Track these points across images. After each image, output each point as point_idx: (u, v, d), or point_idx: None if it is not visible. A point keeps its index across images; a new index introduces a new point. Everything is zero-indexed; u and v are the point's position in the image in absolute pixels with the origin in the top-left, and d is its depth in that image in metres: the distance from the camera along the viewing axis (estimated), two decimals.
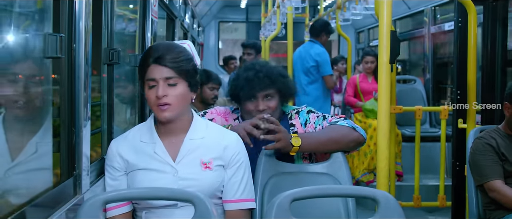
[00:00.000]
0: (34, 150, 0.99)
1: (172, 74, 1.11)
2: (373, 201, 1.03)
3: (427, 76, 3.85)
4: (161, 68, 1.11)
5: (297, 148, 1.31)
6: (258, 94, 1.40)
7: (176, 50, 1.14)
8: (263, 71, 1.41)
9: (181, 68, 1.12)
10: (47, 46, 0.95)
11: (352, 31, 5.96)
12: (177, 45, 1.16)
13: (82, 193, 1.08)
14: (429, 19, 3.75)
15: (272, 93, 1.41)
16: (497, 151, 1.61)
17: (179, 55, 1.13)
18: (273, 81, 1.40)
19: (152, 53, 1.13)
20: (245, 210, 1.19)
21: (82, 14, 1.07)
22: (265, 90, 1.40)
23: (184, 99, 1.14)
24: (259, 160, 1.37)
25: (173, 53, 1.12)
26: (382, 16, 1.26)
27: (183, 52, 1.15)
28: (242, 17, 6.46)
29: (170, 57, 1.11)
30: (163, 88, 1.11)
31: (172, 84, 1.12)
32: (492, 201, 1.60)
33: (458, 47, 2.21)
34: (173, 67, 1.11)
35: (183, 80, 1.13)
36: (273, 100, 1.42)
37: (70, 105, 1.07)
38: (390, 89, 1.28)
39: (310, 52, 3.30)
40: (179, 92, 1.12)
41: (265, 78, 1.40)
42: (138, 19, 1.65)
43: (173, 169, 1.14)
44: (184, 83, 1.13)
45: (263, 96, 1.41)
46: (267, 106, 1.40)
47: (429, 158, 3.33)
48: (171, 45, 1.16)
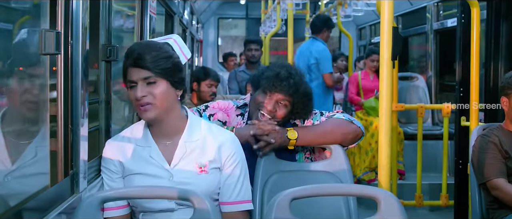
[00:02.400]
0: (30, 148, 0.98)
1: (150, 74, 1.10)
2: (375, 200, 1.01)
3: (429, 73, 3.82)
4: (138, 70, 1.10)
5: (294, 141, 1.29)
6: (275, 95, 1.35)
7: (153, 48, 1.11)
8: (295, 79, 1.35)
9: (159, 67, 1.10)
10: (44, 43, 0.94)
11: (354, 27, 5.93)
12: (154, 44, 1.14)
13: (80, 192, 1.07)
14: (431, 16, 3.72)
15: (287, 103, 1.35)
16: (500, 149, 1.59)
17: (156, 54, 1.10)
18: (296, 94, 1.35)
19: (129, 55, 1.12)
20: (242, 211, 1.18)
21: (79, 10, 1.05)
22: (283, 96, 1.34)
23: (166, 97, 1.12)
24: (259, 158, 1.36)
25: (150, 53, 1.10)
26: (384, 12, 1.24)
27: (161, 50, 1.12)
28: (241, 14, 6.42)
29: (148, 57, 1.10)
30: (141, 88, 1.10)
31: (151, 82, 1.10)
32: (495, 200, 1.59)
33: (461, 44, 2.19)
34: (150, 67, 1.10)
35: (163, 78, 1.11)
36: (284, 109, 1.36)
37: (67, 103, 1.05)
38: (391, 86, 1.26)
39: (311, 50, 3.28)
40: (159, 91, 1.10)
41: (293, 86, 1.34)
42: (136, 15, 1.64)
43: (168, 173, 1.14)
44: (164, 82, 1.11)
45: (277, 100, 1.36)
46: (275, 111, 1.35)
47: (431, 156, 3.32)
48: (148, 44, 1.14)
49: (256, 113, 1.37)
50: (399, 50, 1.28)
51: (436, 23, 3.69)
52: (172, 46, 1.17)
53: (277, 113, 1.36)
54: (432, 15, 3.72)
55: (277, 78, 1.35)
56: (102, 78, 1.33)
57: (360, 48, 5.88)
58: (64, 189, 1.03)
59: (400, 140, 3.27)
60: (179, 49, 1.17)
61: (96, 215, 0.95)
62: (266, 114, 1.35)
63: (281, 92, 1.35)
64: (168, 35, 1.22)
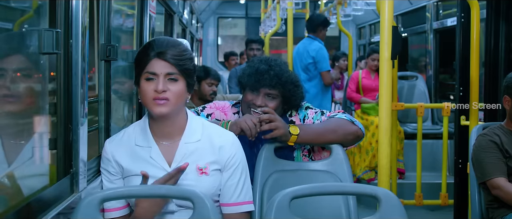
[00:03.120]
0: (29, 147, 0.98)
1: (174, 70, 1.09)
2: (375, 199, 1.01)
3: (429, 72, 3.82)
4: (163, 63, 1.09)
5: (295, 137, 1.29)
6: (261, 90, 1.37)
7: (180, 47, 1.12)
8: (276, 70, 1.36)
9: (184, 66, 1.10)
10: (43, 42, 0.93)
11: (353, 27, 5.92)
12: (180, 42, 1.14)
13: (79, 192, 1.07)
14: (431, 15, 3.72)
15: (275, 94, 1.37)
16: (501, 148, 1.59)
17: (182, 53, 1.11)
18: (281, 84, 1.36)
19: (154, 46, 1.11)
20: (243, 213, 1.17)
21: (79, 9, 1.05)
22: (269, 89, 1.36)
23: (181, 97, 1.12)
24: (259, 157, 1.36)
25: (176, 49, 1.10)
26: (384, 12, 1.24)
27: (187, 50, 1.13)
28: (241, 13, 6.40)
29: (173, 53, 1.09)
30: (163, 82, 1.09)
31: (173, 79, 1.10)
32: (495, 199, 1.59)
33: (461, 43, 2.19)
34: (175, 64, 1.09)
35: (183, 78, 1.11)
36: (274, 101, 1.37)
37: (67, 102, 1.05)
38: (391, 86, 1.26)
39: (307, 49, 3.27)
40: (178, 89, 1.10)
41: (274, 77, 1.35)
42: (136, 15, 1.63)
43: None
44: (183, 81, 1.11)
45: (265, 94, 1.37)
46: (266, 105, 1.36)
47: (431, 156, 3.31)
48: (175, 41, 1.14)
49: (249, 112, 1.37)
50: (399, 50, 1.28)
51: (436, 23, 3.69)
52: None
53: (268, 105, 1.36)
54: (432, 14, 3.71)
55: (257, 74, 1.36)
56: (102, 77, 1.33)
57: (359, 47, 5.88)
58: (63, 188, 1.03)
59: (400, 139, 3.26)
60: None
61: (96, 215, 0.95)
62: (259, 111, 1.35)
63: (264, 86, 1.36)
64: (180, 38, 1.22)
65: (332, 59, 4.40)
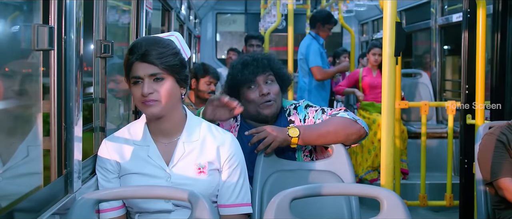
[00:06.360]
0: (23, 147, 0.96)
1: (158, 70, 1.07)
2: (377, 200, 0.99)
3: (433, 70, 3.77)
4: (145, 65, 1.08)
5: (296, 139, 1.28)
6: (258, 78, 1.37)
7: (161, 44, 1.09)
8: (260, 55, 1.40)
9: (167, 63, 1.08)
10: (37, 38, 0.91)
11: (356, 23, 5.87)
12: (161, 40, 1.11)
13: (74, 192, 1.05)
14: (436, 10, 3.67)
15: (272, 78, 1.39)
16: (508, 148, 1.55)
17: (164, 50, 1.08)
18: (271, 66, 1.38)
19: (135, 50, 1.09)
20: (241, 215, 1.15)
21: (73, 4, 1.03)
22: (264, 73, 1.37)
23: (171, 95, 1.10)
24: (259, 157, 1.33)
25: (157, 48, 1.08)
26: (387, 7, 1.21)
27: (168, 46, 1.10)
28: (240, 9, 6.32)
29: (155, 53, 1.07)
30: (148, 85, 1.07)
31: (158, 79, 1.08)
32: (502, 200, 1.56)
33: (467, 39, 2.14)
34: (158, 63, 1.07)
35: (170, 75, 1.09)
36: (274, 85, 1.39)
37: (61, 100, 1.03)
38: (394, 83, 1.23)
39: (300, 46, 3.26)
40: (166, 88, 1.08)
41: (263, 60, 1.38)
42: (132, 10, 1.61)
43: (166, 173, 1.12)
44: (171, 79, 1.09)
45: (263, 80, 1.37)
46: (270, 91, 1.36)
47: (435, 155, 3.27)
48: (155, 40, 1.11)
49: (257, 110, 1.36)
50: (403, 46, 1.25)
51: (441, 18, 3.64)
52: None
53: (272, 91, 1.37)
54: (437, 10, 3.66)
55: (248, 66, 1.37)
56: (97, 74, 1.31)
57: (362, 44, 5.82)
58: (57, 189, 1.01)
59: (404, 138, 3.22)
60: (181, 47, 1.15)
61: (91, 215, 0.93)
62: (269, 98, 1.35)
63: (262, 72, 1.37)
64: (170, 32, 1.20)
65: (333, 56, 4.35)
